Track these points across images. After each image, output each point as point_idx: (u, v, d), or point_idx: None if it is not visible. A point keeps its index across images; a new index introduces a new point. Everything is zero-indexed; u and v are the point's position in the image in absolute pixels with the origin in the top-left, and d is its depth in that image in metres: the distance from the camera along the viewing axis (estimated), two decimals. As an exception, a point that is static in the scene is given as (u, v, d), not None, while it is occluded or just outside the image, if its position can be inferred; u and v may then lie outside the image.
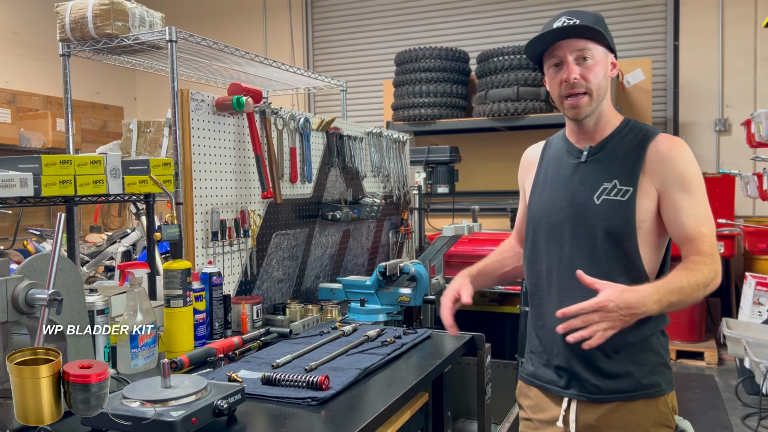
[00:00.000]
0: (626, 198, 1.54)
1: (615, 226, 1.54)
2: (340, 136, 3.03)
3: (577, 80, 1.55)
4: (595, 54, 1.56)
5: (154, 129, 2.56)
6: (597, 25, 1.54)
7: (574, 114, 1.59)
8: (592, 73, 1.56)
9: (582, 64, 1.56)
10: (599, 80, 1.57)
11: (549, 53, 1.60)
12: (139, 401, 1.29)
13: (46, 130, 5.66)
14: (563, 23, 1.55)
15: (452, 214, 5.20)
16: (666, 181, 1.54)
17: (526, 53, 1.65)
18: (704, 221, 1.52)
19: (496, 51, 5.45)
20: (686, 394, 4.11)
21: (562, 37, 1.56)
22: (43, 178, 1.69)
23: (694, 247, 1.50)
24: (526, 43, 1.61)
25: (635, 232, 1.53)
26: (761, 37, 5.50)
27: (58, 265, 1.32)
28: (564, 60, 1.57)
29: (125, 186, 1.95)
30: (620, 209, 1.54)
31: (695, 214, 1.52)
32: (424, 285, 2.48)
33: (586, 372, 1.59)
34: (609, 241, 1.55)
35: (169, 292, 1.88)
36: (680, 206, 1.52)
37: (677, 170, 1.54)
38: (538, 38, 1.57)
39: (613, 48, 1.62)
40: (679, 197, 1.52)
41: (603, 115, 1.62)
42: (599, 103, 1.59)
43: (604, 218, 1.55)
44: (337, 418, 1.44)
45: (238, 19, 7.40)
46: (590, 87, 1.56)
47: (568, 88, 1.56)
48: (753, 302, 4.49)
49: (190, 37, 2.43)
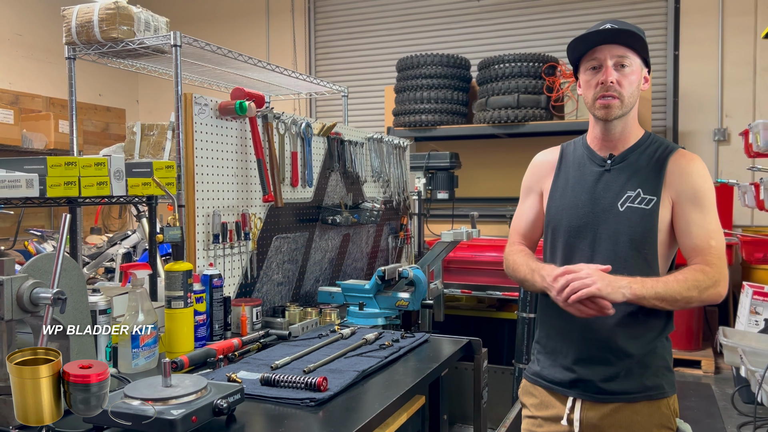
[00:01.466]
0: (650, 207, 1.60)
1: (638, 234, 1.59)
2: (341, 141, 3.06)
3: (612, 84, 1.59)
4: (633, 63, 1.62)
5: (157, 132, 2.58)
6: (640, 35, 1.60)
7: (604, 114, 1.63)
8: (627, 80, 1.61)
9: (620, 71, 1.61)
10: (633, 89, 1.62)
11: (589, 56, 1.64)
12: (140, 400, 1.31)
13: (49, 132, 5.68)
14: (608, 27, 1.60)
15: (452, 220, 5.22)
16: (681, 194, 1.60)
17: (567, 53, 1.68)
18: (714, 234, 1.58)
19: (497, 58, 5.49)
20: (683, 402, 4.11)
21: (605, 41, 1.60)
22: (48, 179, 1.71)
23: (702, 258, 1.56)
24: (569, 42, 1.64)
25: (656, 240, 1.59)
26: (761, 48, 5.54)
27: (62, 264, 1.35)
28: (603, 63, 1.61)
29: (128, 188, 1.97)
30: (645, 217, 1.59)
31: (705, 227, 1.58)
32: (423, 290, 2.50)
33: (591, 373, 1.64)
34: (631, 248, 1.60)
35: (170, 293, 1.90)
36: (692, 219, 1.59)
37: (692, 184, 1.60)
38: (582, 38, 1.61)
39: (649, 63, 1.67)
40: (691, 210, 1.59)
41: (629, 125, 1.67)
42: (628, 110, 1.64)
43: (629, 225, 1.60)
44: (334, 419, 1.46)
45: (242, 24, 7.44)
46: (623, 93, 1.61)
47: (603, 90, 1.61)
48: (750, 311, 4.50)
49: (194, 41, 2.46)
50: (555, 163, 1.79)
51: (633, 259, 1.59)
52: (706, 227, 1.58)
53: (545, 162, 1.83)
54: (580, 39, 1.62)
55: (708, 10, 5.76)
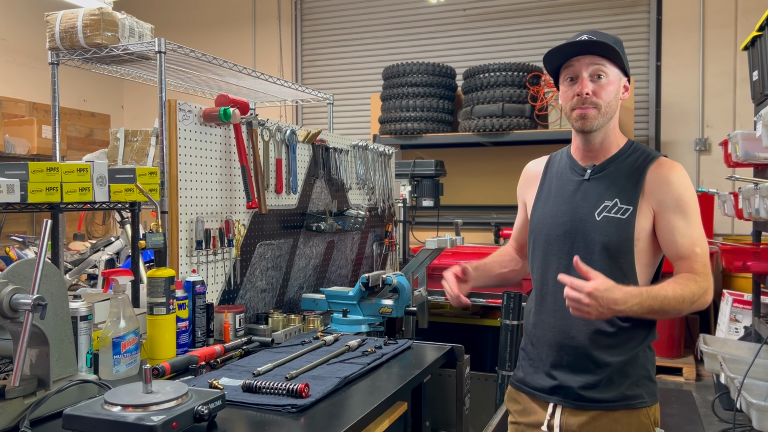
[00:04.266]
0: (626, 216, 1.60)
1: (613, 242, 1.60)
2: (326, 148, 3.07)
3: (588, 95, 1.61)
4: (610, 73, 1.63)
5: (141, 138, 2.58)
6: (615, 46, 1.61)
7: (581, 125, 1.64)
8: (604, 90, 1.62)
9: (596, 81, 1.62)
10: (610, 98, 1.63)
11: (566, 67, 1.66)
12: (120, 406, 1.30)
13: (32, 137, 5.64)
14: (583, 39, 1.62)
15: (437, 228, 5.25)
16: (663, 203, 1.60)
17: (544, 65, 1.70)
18: (698, 242, 1.58)
19: (483, 68, 5.54)
20: (665, 409, 4.15)
21: (580, 52, 1.62)
22: (29, 185, 1.71)
23: (687, 265, 1.57)
24: (545, 53, 1.66)
25: (633, 250, 1.60)
26: (740, 60, 5.63)
27: (42, 270, 1.34)
28: (579, 74, 1.63)
29: (111, 194, 1.97)
30: (620, 227, 1.60)
31: (690, 234, 1.58)
32: (406, 296, 2.51)
33: (572, 380, 1.65)
34: (606, 256, 1.61)
35: (153, 299, 1.89)
36: (675, 227, 1.59)
37: (674, 192, 1.60)
38: (557, 50, 1.63)
39: (628, 72, 1.69)
40: (675, 218, 1.59)
41: (609, 134, 1.68)
42: (607, 120, 1.65)
43: (604, 234, 1.61)
44: (316, 425, 1.47)
45: (228, 31, 7.43)
46: (599, 103, 1.62)
47: (579, 102, 1.62)
48: (730, 319, 4.56)
49: (179, 48, 2.46)
50: (540, 173, 1.83)
51: (609, 269, 1.59)
52: (691, 235, 1.58)
53: (532, 172, 1.87)
54: (555, 51, 1.64)
55: (689, 22, 5.86)
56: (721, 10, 5.75)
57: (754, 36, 3.59)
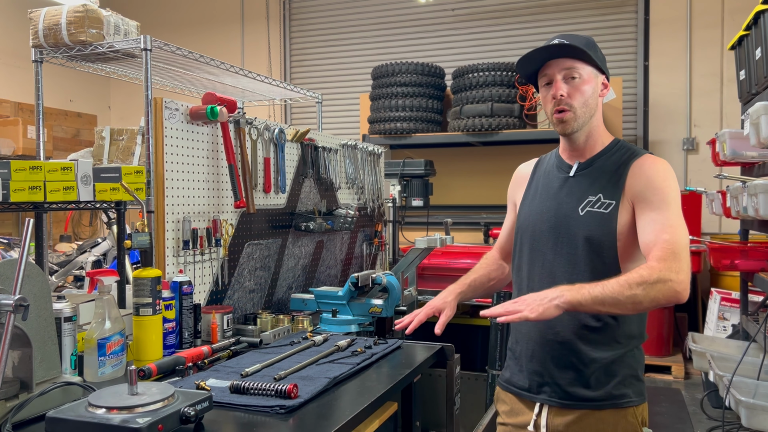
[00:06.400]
0: (608, 211, 1.60)
1: (596, 236, 1.60)
2: (314, 147, 3.05)
3: (563, 97, 1.63)
4: (583, 73, 1.65)
5: (126, 137, 2.55)
6: (586, 48, 1.63)
7: (561, 128, 1.68)
8: (578, 91, 1.64)
9: (570, 83, 1.64)
10: (585, 98, 1.65)
11: (541, 73, 1.69)
12: (105, 408, 1.28)
13: (17, 137, 5.57)
14: (554, 43, 1.64)
15: (426, 227, 5.24)
16: (639, 194, 1.59)
17: (517, 71, 1.73)
18: (668, 229, 1.51)
19: (472, 67, 5.54)
20: (653, 408, 4.17)
21: (551, 57, 1.65)
22: (12, 184, 1.68)
23: (652, 254, 1.50)
24: (517, 60, 1.69)
25: (615, 244, 1.60)
26: (727, 60, 5.67)
27: (24, 270, 1.31)
28: (553, 78, 1.65)
29: (96, 193, 1.94)
30: (602, 221, 1.60)
31: (661, 222, 1.53)
32: (396, 296, 2.49)
33: (558, 378, 1.64)
34: (589, 250, 1.61)
35: (139, 300, 1.86)
36: (648, 217, 1.56)
37: (651, 184, 1.59)
38: (528, 56, 1.66)
39: (605, 70, 1.70)
40: (648, 209, 1.57)
41: (593, 133, 1.70)
42: (586, 119, 1.66)
43: (587, 229, 1.61)
44: (305, 426, 1.45)
45: (216, 31, 7.39)
46: (574, 104, 1.64)
47: (556, 105, 1.65)
48: (718, 317, 4.59)
49: (165, 46, 2.43)
50: (529, 174, 1.85)
51: (592, 263, 1.60)
52: (662, 223, 1.52)
53: (522, 173, 1.90)
54: (526, 57, 1.66)
55: (677, 22, 5.89)
56: (707, 11, 5.79)
57: (741, 35, 3.61)
